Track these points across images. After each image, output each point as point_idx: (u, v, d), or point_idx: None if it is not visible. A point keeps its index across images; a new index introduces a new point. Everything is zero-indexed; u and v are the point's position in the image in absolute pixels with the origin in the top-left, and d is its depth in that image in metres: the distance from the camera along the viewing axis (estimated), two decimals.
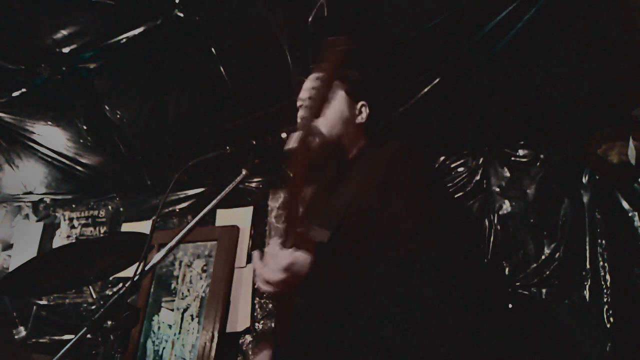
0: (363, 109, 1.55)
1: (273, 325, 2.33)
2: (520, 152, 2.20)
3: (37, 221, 3.51)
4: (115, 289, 3.01)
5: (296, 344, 1.21)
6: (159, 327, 2.67)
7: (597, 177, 2.02)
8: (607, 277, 1.89)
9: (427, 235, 1.17)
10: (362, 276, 1.12)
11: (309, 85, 1.51)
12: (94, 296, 2.17)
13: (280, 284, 1.06)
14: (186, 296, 2.68)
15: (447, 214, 1.31)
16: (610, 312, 1.85)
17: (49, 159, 3.26)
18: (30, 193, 3.57)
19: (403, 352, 1.10)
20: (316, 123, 1.45)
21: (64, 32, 2.49)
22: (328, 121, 1.46)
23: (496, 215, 2.16)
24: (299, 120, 1.46)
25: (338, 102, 1.50)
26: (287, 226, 1.07)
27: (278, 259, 1.06)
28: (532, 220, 2.10)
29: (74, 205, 3.43)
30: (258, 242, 2.69)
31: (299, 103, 1.53)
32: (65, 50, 2.58)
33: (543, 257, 2.02)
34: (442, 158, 2.34)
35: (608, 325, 1.83)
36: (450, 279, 1.18)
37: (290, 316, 1.18)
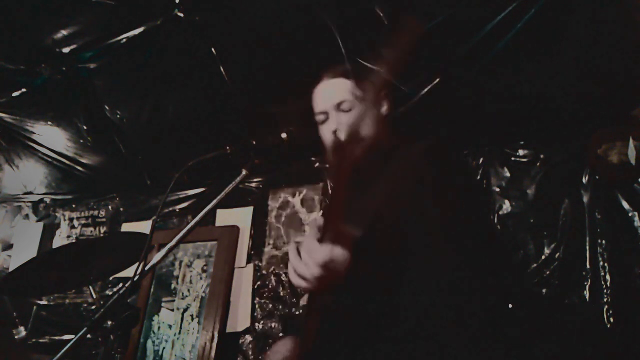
0: (383, 102, 1.51)
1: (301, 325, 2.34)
2: (520, 152, 2.20)
3: (37, 221, 3.51)
4: (115, 289, 3.01)
5: (323, 347, 1.20)
6: (159, 327, 2.67)
7: (597, 177, 2.02)
8: (607, 277, 1.89)
9: (454, 236, 1.15)
10: (391, 277, 1.11)
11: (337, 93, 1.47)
12: (94, 296, 2.17)
13: (315, 280, 1.02)
14: (186, 296, 2.68)
15: (475, 215, 1.29)
16: (610, 312, 1.85)
17: (49, 159, 3.26)
18: (30, 193, 3.57)
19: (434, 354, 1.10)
20: (355, 128, 1.43)
21: (64, 32, 2.50)
22: (364, 122, 1.40)
23: (496, 215, 2.16)
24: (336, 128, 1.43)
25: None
26: (326, 221, 1.03)
27: (314, 254, 1.02)
28: (532, 220, 2.10)
29: (74, 205, 3.43)
30: (258, 242, 2.70)
31: (321, 117, 1.48)
32: (65, 50, 2.59)
33: (543, 257, 2.02)
34: None
35: (608, 325, 1.83)
36: (478, 281, 1.17)
37: (318, 318, 1.16)
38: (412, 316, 1.14)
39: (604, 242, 1.94)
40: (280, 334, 2.45)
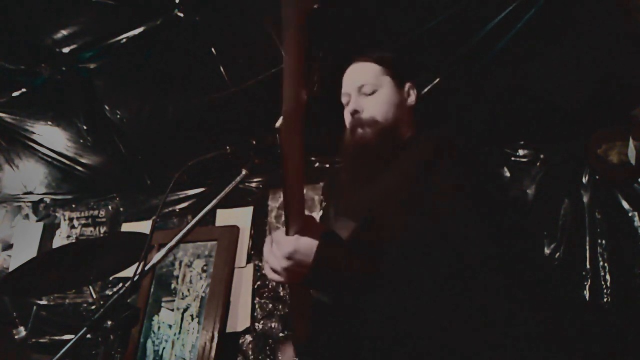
0: (411, 92, 1.51)
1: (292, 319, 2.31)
2: (520, 152, 2.20)
3: (37, 221, 3.51)
4: (115, 289, 3.01)
5: (319, 339, 1.18)
6: (159, 327, 2.67)
7: (597, 177, 2.02)
8: (607, 277, 1.89)
9: (466, 230, 1.12)
10: (389, 268, 1.07)
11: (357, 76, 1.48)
12: (94, 296, 2.17)
13: (284, 272, 1.03)
14: (186, 296, 2.68)
15: (489, 211, 1.23)
16: (610, 312, 1.85)
17: (49, 159, 3.26)
18: (30, 193, 3.57)
19: (435, 349, 1.06)
20: (368, 115, 1.42)
21: (64, 32, 2.49)
22: (381, 110, 1.43)
23: None
24: (348, 116, 1.43)
25: (386, 88, 1.46)
26: (288, 212, 1.03)
27: (280, 246, 1.03)
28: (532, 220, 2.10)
29: (74, 205, 3.43)
30: (258, 242, 2.70)
31: (345, 99, 1.50)
32: (65, 50, 2.59)
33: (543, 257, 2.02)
34: None
35: (608, 325, 1.83)
36: (489, 277, 1.12)
37: (307, 309, 1.15)
38: (406, 313, 1.10)
39: (604, 242, 1.94)
40: (280, 334, 2.45)
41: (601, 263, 1.92)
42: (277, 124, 0.93)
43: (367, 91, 1.44)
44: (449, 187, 1.17)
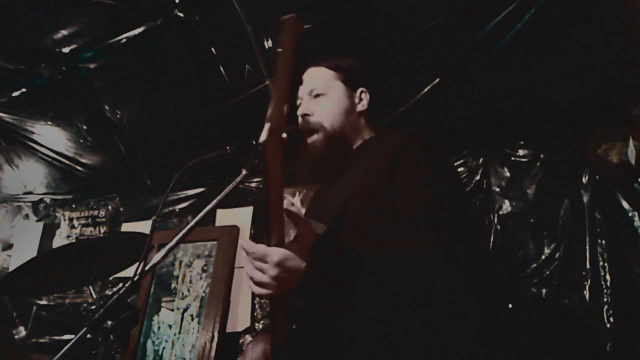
0: (363, 96, 1.53)
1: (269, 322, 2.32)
2: (520, 152, 2.20)
3: (37, 221, 3.51)
4: (115, 289, 3.01)
5: (295, 342, 1.18)
6: (159, 327, 2.67)
7: (597, 177, 2.02)
8: (607, 277, 1.89)
9: (434, 226, 1.11)
10: (364, 269, 1.05)
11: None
12: (94, 296, 2.18)
13: (275, 281, 1.00)
14: (186, 296, 2.68)
15: (455, 205, 1.23)
16: (610, 312, 1.85)
17: (49, 159, 3.26)
18: (30, 193, 3.57)
19: (408, 350, 1.06)
20: (316, 118, 1.44)
21: (64, 32, 2.49)
22: (329, 114, 1.44)
23: (496, 215, 2.16)
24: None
25: (336, 92, 1.48)
26: (271, 223, 1.02)
27: (269, 256, 1.01)
28: (532, 220, 2.10)
29: (74, 205, 3.43)
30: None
31: (298, 102, 1.52)
32: (65, 50, 2.58)
33: (543, 257, 2.02)
34: None
35: (608, 325, 1.83)
36: (458, 273, 1.12)
37: (287, 313, 1.14)
38: (383, 315, 1.08)
39: (604, 242, 1.94)
40: None
41: (601, 263, 1.92)
42: (261, 139, 0.95)
43: (316, 94, 1.47)
44: (413, 187, 1.17)
